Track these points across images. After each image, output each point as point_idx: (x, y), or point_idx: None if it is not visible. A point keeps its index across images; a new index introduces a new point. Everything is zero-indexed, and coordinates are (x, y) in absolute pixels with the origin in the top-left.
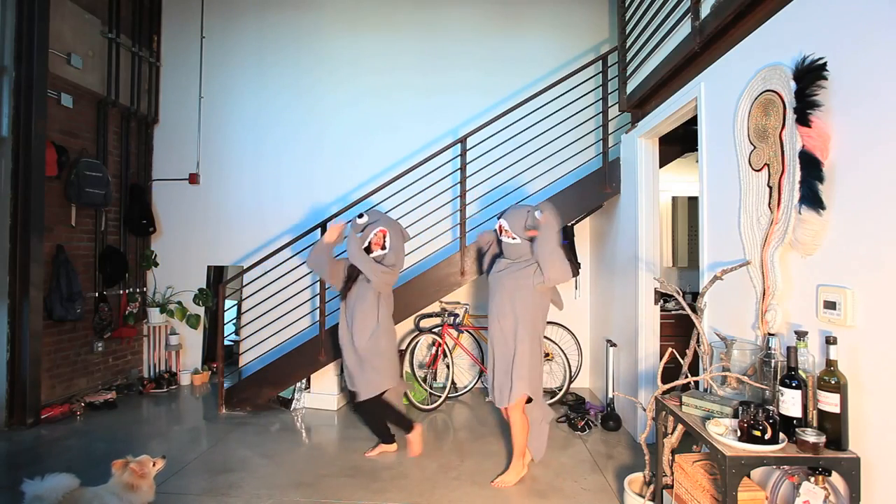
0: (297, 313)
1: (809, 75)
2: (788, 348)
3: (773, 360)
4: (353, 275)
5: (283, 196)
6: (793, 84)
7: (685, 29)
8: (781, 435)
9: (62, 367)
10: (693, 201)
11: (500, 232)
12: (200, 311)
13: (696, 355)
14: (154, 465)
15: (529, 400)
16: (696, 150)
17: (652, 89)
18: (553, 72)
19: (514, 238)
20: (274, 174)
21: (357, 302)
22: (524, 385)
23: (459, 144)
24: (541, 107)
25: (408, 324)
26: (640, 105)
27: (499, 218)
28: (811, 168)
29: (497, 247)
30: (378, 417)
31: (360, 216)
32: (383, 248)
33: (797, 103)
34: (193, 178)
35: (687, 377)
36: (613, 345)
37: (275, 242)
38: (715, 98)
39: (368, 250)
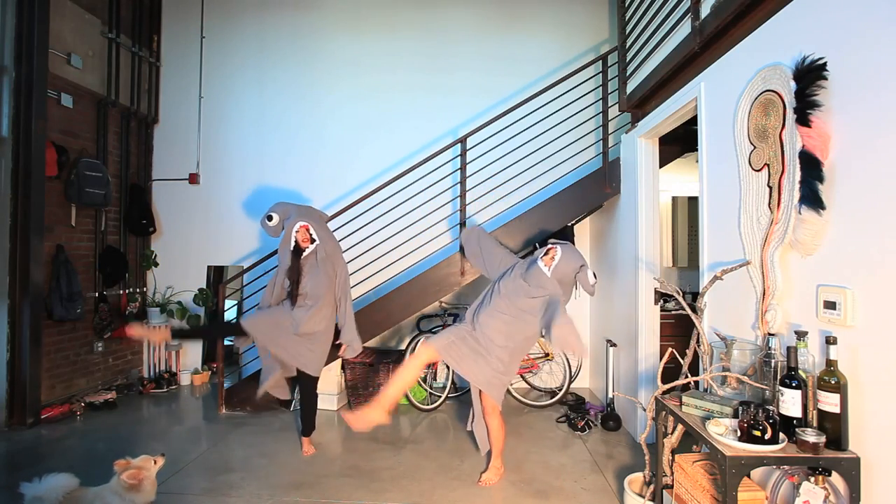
0: None
1: (809, 75)
2: (788, 348)
3: (773, 360)
4: (296, 265)
5: (283, 195)
6: (793, 84)
7: (685, 29)
8: (781, 435)
9: (62, 367)
10: (693, 201)
11: (546, 253)
12: (200, 311)
13: (696, 355)
14: (154, 463)
15: None
16: (696, 150)
17: (652, 89)
18: (553, 72)
19: (548, 269)
20: (274, 174)
21: (313, 289)
22: (501, 391)
23: (459, 144)
24: (541, 107)
25: (408, 324)
26: (640, 105)
27: (552, 242)
28: (811, 168)
29: (511, 265)
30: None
31: (270, 218)
32: (312, 241)
33: (797, 103)
34: (193, 178)
35: (687, 377)
36: (613, 345)
37: (275, 242)
38: (715, 98)
39: (299, 250)
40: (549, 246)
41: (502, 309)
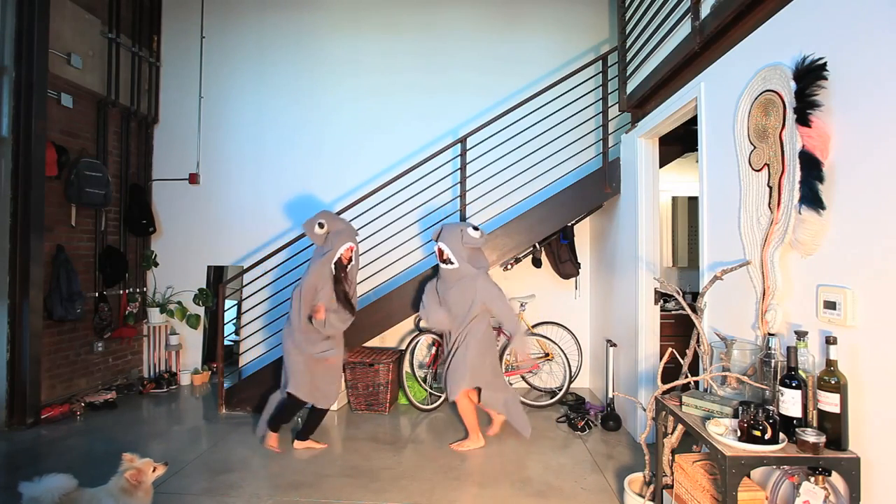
0: None
1: (809, 75)
2: (788, 348)
3: (773, 360)
4: (340, 277)
5: (283, 196)
6: (793, 84)
7: (685, 29)
8: (781, 435)
9: (62, 367)
10: (693, 201)
11: (441, 257)
12: (200, 311)
13: (696, 355)
14: (154, 470)
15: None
16: (696, 150)
17: (652, 89)
18: (553, 72)
19: (451, 263)
20: (274, 174)
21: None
22: (468, 381)
23: (459, 144)
24: (541, 107)
25: (408, 324)
26: (640, 105)
27: (437, 242)
28: (811, 168)
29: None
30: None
31: (321, 226)
32: (350, 260)
33: (797, 103)
34: (193, 178)
35: (687, 377)
36: (613, 345)
37: (275, 242)
38: (715, 98)
39: (339, 264)
40: (437, 249)
41: (452, 318)
